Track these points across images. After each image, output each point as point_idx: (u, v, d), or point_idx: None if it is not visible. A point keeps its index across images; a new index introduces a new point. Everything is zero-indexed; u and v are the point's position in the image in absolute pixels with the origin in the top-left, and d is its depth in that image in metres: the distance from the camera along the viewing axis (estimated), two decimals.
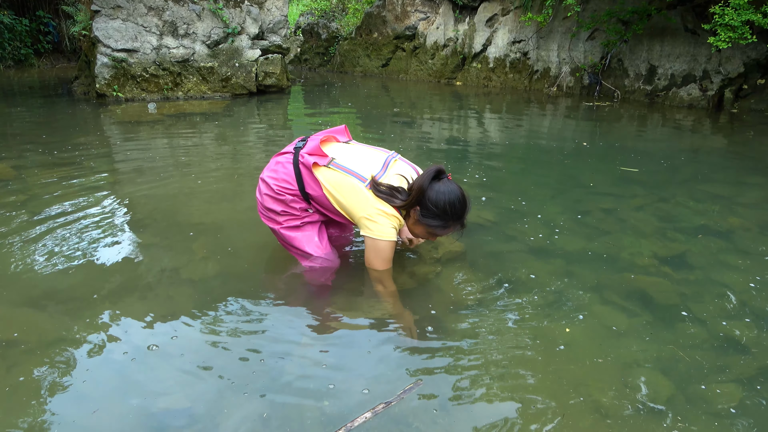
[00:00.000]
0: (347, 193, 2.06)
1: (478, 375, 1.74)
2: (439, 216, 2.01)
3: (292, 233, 2.27)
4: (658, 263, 2.57)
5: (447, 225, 2.04)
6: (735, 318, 2.12)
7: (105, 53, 7.09)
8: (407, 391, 1.63)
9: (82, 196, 3.34)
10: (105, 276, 2.33)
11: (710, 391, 1.69)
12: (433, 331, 1.97)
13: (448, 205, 1.99)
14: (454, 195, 2.00)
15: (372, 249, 2.10)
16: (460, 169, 4.21)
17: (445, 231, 2.08)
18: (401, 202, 2.03)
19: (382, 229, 2.03)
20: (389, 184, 2.05)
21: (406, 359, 1.81)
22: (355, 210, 2.06)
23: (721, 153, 5.22)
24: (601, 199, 3.52)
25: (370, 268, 2.17)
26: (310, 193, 2.15)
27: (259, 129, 5.79)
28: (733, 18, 6.26)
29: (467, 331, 1.96)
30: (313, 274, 2.31)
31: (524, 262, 2.53)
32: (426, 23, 10.62)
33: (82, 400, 1.60)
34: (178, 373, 1.72)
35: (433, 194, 1.99)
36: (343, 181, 2.06)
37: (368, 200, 2.03)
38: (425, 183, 2.00)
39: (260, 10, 8.03)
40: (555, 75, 9.18)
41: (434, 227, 2.05)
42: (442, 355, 1.84)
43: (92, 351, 1.82)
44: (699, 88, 7.74)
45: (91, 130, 5.48)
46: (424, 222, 2.04)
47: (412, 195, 2.01)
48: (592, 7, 8.46)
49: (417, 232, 2.16)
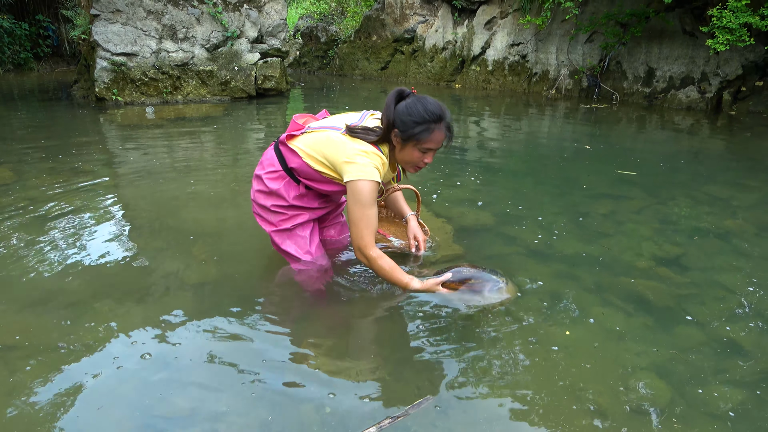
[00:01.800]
0: (324, 146, 2.04)
1: (477, 378, 1.74)
2: (418, 123, 1.94)
3: (284, 237, 2.29)
4: (657, 265, 2.58)
5: (430, 128, 1.95)
6: (734, 321, 2.12)
7: (104, 57, 7.10)
8: (415, 407, 1.61)
9: (82, 200, 3.34)
10: (105, 280, 2.33)
11: (709, 394, 1.70)
12: (432, 334, 1.97)
13: (422, 109, 1.94)
14: (424, 99, 1.96)
15: (351, 195, 1.96)
16: (459, 171, 4.21)
17: (431, 136, 1.96)
18: (377, 136, 2.00)
19: (362, 168, 1.94)
20: (363, 125, 2.04)
21: (404, 363, 1.81)
22: (336, 158, 2.00)
23: (719, 155, 5.23)
24: (600, 201, 3.53)
25: (350, 223, 2.04)
26: (293, 167, 2.15)
27: (258, 132, 5.80)
28: (731, 21, 6.28)
29: (466, 334, 1.97)
30: (303, 276, 2.33)
31: (523, 265, 2.53)
32: (425, 26, 10.65)
33: (81, 406, 1.60)
34: (178, 379, 1.72)
35: (404, 108, 1.96)
36: (318, 137, 2.07)
37: (345, 143, 1.99)
38: (391, 103, 1.97)
39: (259, 14, 8.04)
40: (554, 77, 9.20)
41: (418, 136, 1.95)
42: (441, 357, 1.84)
43: (92, 356, 1.82)
44: (697, 90, 7.76)
45: (91, 134, 5.49)
46: (407, 137, 1.96)
47: (384, 122, 1.98)
48: (590, 9, 8.48)
49: (407, 157, 2.03)
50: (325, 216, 2.53)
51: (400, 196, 2.52)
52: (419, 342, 1.93)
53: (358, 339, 1.97)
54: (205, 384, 1.69)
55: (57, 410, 1.58)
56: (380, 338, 1.95)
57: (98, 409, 1.58)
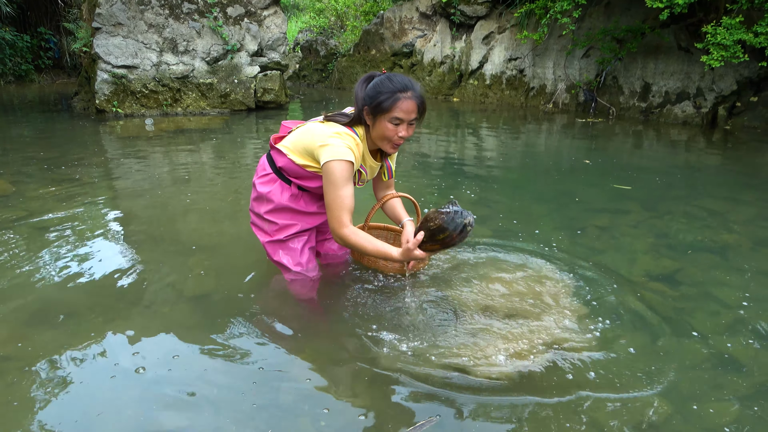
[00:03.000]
0: (303, 137, 2.11)
1: (473, 396, 1.74)
2: (383, 93, 1.97)
3: (276, 248, 2.32)
4: (653, 280, 2.59)
5: (396, 96, 1.96)
6: (731, 336, 2.13)
7: (105, 69, 7.15)
8: (418, 428, 1.60)
9: (81, 211, 3.35)
10: (103, 292, 2.33)
11: (706, 409, 1.70)
12: (428, 348, 1.97)
13: (387, 81, 1.98)
14: (392, 75, 2.01)
15: (325, 176, 2.00)
16: (456, 184, 4.24)
17: (398, 105, 1.96)
18: (350, 118, 2.07)
19: (335, 149, 1.97)
20: (339, 111, 2.13)
21: (399, 378, 1.81)
22: (312, 144, 2.04)
23: (715, 169, 5.26)
24: (597, 215, 3.55)
25: (326, 206, 2.04)
26: (281, 167, 2.20)
27: (257, 145, 5.82)
28: (725, 37, 6.36)
29: (462, 349, 1.97)
30: (296, 286, 2.35)
31: (520, 280, 2.54)
32: (423, 41, 10.75)
33: (76, 418, 1.59)
34: (175, 392, 1.71)
35: (372, 85, 2.02)
36: (299, 131, 2.16)
37: (321, 128, 2.06)
38: (362, 84, 2.05)
39: (259, 28, 8.12)
40: (551, 92, 9.28)
41: (385, 105, 1.96)
42: (435, 371, 1.83)
43: (89, 368, 1.82)
44: (693, 106, 7.83)
45: (90, 146, 5.51)
46: (376, 110, 1.99)
47: (356, 103, 2.05)
48: (586, 25, 8.59)
49: (382, 133, 2.03)
50: (325, 227, 2.54)
51: (398, 204, 2.47)
52: (418, 358, 1.93)
53: (355, 353, 1.97)
54: (203, 396, 1.69)
55: (52, 422, 1.57)
56: (377, 353, 1.95)
57: (94, 419, 1.58)
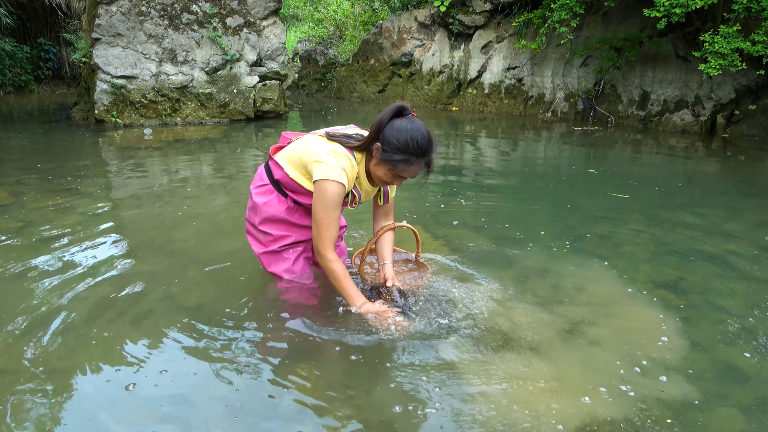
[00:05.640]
0: (300, 149, 2.07)
1: (472, 401, 1.72)
2: (401, 150, 1.91)
3: (270, 260, 2.31)
4: (655, 288, 2.57)
5: (409, 161, 1.93)
6: (734, 345, 2.11)
7: (104, 80, 7.17)
8: None
9: (79, 222, 3.33)
10: (100, 302, 2.31)
11: (709, 419, 1.68)
12: (427, 357, 1.95)
13: (410, 140, 1.90)
14: (417, 130, 1.92)
15: (316, 193, 1.98)
16: (457, 193, 4.23)
17: (407, 168, 1.95)
18: (358, 143, 2.00)
19: (329, 168, 1.94)
20: (344, 132, 2.07)
21: (395, 385, 1.79)
22: (308, 158, 2.00)
23: (714, 178, 5.26)
24: (597, 224, 3.54)
25: (313, 222, 2.03)
26: (278, 179, 2.18)
27: (256, 155, 5.82)
28: (723, 46, 6.39)
29: (462, 357, 1.95)
30: (290, 294, 2.34)
31: (521, 288, 2.52)
32: (422, 50, 10.80)
33: (72, 428, 1.57)
34: (170, 402, 1.69)
35: (395, 129, 1.92)
36: (298, 143, 2.12)
37: (321, 144, 2.01)
38: (386, 118, 1.94)
39: (258, 38, 8.15)
40: (549, 101, 9.30)
41: (396, 162, 1.94)
42: (437, 379, 1.81)
43: (84, 379, 1.80)
44: (691, 114, 7.85)
45: (89, 156, 5.51)
46: (386, 158, 1.94)
47: (371, 130, 1.97)
48: (585, 34, 8.63)
49: (379, 174, 2.02)
50: None
51: (388, 239, 2.37)
52: (416, 374, 1.91)
53: (353, 362, 1.95)
54: (199, 408, 1.67)
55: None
56: (376, 362, 1.93)
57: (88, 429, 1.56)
